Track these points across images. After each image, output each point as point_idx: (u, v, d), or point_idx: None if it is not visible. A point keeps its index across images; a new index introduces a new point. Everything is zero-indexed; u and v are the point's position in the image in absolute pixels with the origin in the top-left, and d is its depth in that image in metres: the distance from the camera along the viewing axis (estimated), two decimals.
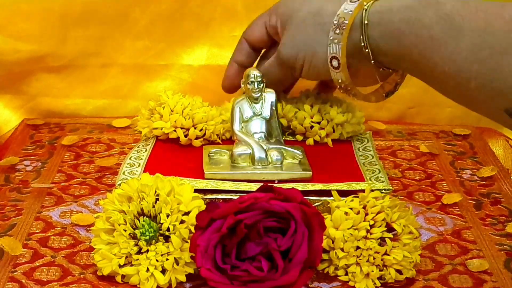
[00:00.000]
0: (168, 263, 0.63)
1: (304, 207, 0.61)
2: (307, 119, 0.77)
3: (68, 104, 0.98)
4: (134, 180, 0.65)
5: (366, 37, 0.65)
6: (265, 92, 0.72)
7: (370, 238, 0.64)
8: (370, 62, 0.67)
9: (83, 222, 0.72)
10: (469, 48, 0.58)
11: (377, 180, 0.70)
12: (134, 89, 0.98)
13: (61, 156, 0.86)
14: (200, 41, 0.97)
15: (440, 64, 0.60)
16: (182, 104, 0.76)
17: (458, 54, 0.59)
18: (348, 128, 0.77)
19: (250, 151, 0.70)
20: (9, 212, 0.74)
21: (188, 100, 0.77)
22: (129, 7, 0.94)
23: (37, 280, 0.64)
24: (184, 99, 0.77)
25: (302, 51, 0.70)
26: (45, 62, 0.95)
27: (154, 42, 0.96)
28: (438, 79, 0.63)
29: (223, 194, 0.68)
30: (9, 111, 0.97)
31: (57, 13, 0.92)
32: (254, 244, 0.61)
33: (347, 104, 0.79)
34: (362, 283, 0.64)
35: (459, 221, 0.75)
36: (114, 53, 0.96)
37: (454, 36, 0.59)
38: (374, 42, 0.65)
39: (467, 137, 0.92)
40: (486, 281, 0.66)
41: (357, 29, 0.66)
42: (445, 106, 0.98)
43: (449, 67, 0.60)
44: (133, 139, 0.89)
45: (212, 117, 0.76)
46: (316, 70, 0.70)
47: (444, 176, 0.83)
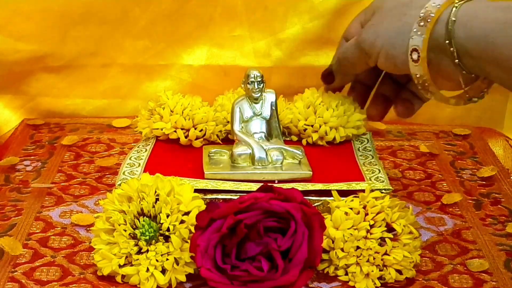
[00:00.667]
0: (168, 263, 0.63)
1: (304, 207, 0.61)
2: (301, 121, 0.77)
3: (68, 104, 0.98)
4: (134, 180, 0.65)
5: (451, 35, 0.63)
6: (265, 92, 0.72)
7: (370, 238, 0.64)
8: (454, 61, 0.63)
9: (83, 222, 0.72)
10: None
11: (377, 180, 0.70)
12: (134, 89, 0.98)
13: (61, 156, 0.86)
14: (200, 41, 0.97)
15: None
16: (182, 104, 0.76)
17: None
18: (342, 132, 0.77)
19: (250, 151, 0.70)
20: (9, 212, 0.74)
21: (188, 100, 0.77)
22: (129, 7, 0.94)
23: (37, 280, 0.64)
24: (184, 100, 0.77)
25: (382, 38, 0.68)
26: (45, 62, 0.95)
27: (154, 42, 0.96)
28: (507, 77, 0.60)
29: (223, 194, 0.68)
30: (9, 111, 0.97)
31: (57, 13, 0.92)
32: (254, 244, 0.61)
33: (345, 107, 0.78)
34: (362, 283, 0.64)
35: (459, 221, 0.75)
36: (114, 53, 0.96)
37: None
38: (460, 41, 0.62)
39: (467, 137, 0.92)
40: (486, 281, 0.66)
41: (443, 25, 0.63)
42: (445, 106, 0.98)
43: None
44: (133, 139, 0.89)
45: (212, 118, 0.76)
46: (392, 61, 0.68)
47: (444, 176, 0.83)
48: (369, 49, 0.69)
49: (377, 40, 0.68)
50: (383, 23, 0.68)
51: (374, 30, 0.69)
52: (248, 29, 0.84)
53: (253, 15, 0.82)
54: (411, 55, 0.65)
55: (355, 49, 0.72)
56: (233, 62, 0.94)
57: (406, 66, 0.66)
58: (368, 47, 0.69)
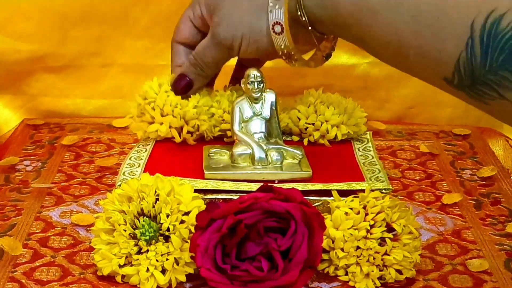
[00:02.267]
0: (168, 263, 0.63)
1: (304, 207, 0.61)
2: (302, 120, 0.77)
3: (68, 104, 0.98)
4: (134, 180, 0.65)
5: (302, 6, 0.66)
6: (265, 92, 0.72)
7: (370, 238, 0.64)
8: (307, 28, 0.68)
9: (83, 222, 0.72)
10: (407, 19, 0.58)
11: (377, 180, 0.70)
12: (134, 89, 0.98)
13: (61, 156, 0.86)
14: None
15: (379, 34, 0.61)
16: (170, 104, 0.75)
17: (396, 24, 0.59)
18: (343, 130, 0.77)
19: (250, 151, 0.70)
20: (9, 212, 0.74)
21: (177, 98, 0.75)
22: (129, 7, 0.94)
23: (37, 280, 0.64)
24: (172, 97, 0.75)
25: (239, 29, 0.71)
26: (45, 62, 0.95)
27: (154, 42, 0.96)
28: (376, 48, 0.63)
29: (223, 194, 0.68)
30: (9, 111, 0.97)
31: (57, 13, 0.92)
32: (254, 244, 0.61)
33: (346, 105, 0.78)
34: (362, 283, 0.64)
35: (459, 221, 0.75)
36: (114, 53, 0.96)
37: (391, 5, 0.59)
38: (310, 11, 0.66)
39: (467, 137, 0.92)
40: (486, 281, 0.66)
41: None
42: (445, 106, 0.98)
43: (388, 37, 0.60)
44: (133, 139, 0.89)
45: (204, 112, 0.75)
46: (255, 45, 0.71)
47: (444, 176, 0.83)
48: (230, 43, 0.71)
49: (236, 31, 0.71)
50: (234, 14, 0.71)
51: (228, 24, 0.71)
52: None
53: None
54: (273, 29, 0.68)
55: (214, 49, 0.73)
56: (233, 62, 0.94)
57: (268, 45, 0.70)
58: (229, 42, 0.71)
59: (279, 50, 0.70)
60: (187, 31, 0.76)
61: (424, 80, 0.62)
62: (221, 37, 0.71)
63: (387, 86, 0.98)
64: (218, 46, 0.72)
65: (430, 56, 0.57)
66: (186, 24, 0.76)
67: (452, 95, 0.59)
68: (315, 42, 0.71)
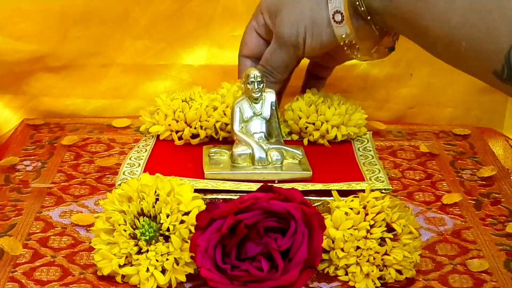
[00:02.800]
0: (168, 263, 0.63)
1: (304, 207, 0.61)
2: (303, 119, 0.77)
3: (68, 104, 0.98)
4: (134, 180, 0.65)
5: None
6: (265, 92, 0.72)
7: (370, 238, 0.64)
8: (367, 20, 0.69)
9: (83, 222, 0.72)
10: (460, 11, 0.59)
11: (377, 180, 0.70)
12: (134, 89, 0.98)
13: (61, 156, 0.86)
14: (200, 41, 0.97)
15: (432, 25, 0.62)
16: (172, 107, 0.77)
17: (450, 16, 0.60)
18: (343, 131, 0.77)
19: (250, 151, 0.70)
20: (9, 212, 0.74)
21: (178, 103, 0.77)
22: (129, 7, 0.94)
23: (37, 280, 0.64)
24: (175, 102, 0.77)
25: (301, 23, 0.71)
26: (45, 62, 0.95)
27: (154, 42, 0.96)
28: (429, 40, 0.64)
29: (223, 194, 0.68)
30: (9, 111, 0.97)
31: (57, 13, 0.92)
32: (254, 244, 0.61)
33: (347, 106, 0.78)
34: (362, 283, 0.64)
35: (459, 221, 0.75)
36: (114, 53, 0.96)
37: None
38: (368, 1, 0.68)
39: (467, 137, 0.92)
40: (486, 281, 0.66)
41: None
42: (445, 106, 0.99)
43: (441, 28, 0.61)
44: (133, 139, 0.89)
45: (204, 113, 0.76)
46: (319, 38, 0.72)
47: (444, 176, 0.83)
48: (295, 40, 0.72)
49: (299, 27, 0.72)
50: (295, 11, 0.72)
51: (290, 22, 0.72)
52: None
53: None
54: (333, 18, 0.70)
55: (281, 51, 0.74)
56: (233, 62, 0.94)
57: (331, 38, 0.71)
58: (294, 39, 0.72)
59: (341, 40, 0.71)
60: (253, 42, 0.77)
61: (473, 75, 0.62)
62: (285, 36, 0.72)
63: (387, 86, 0.98)
64: (284, 47, 0.73)
65: (481, 48, 0.58)
66: (251, 36, 0.77)
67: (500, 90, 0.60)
68: (377, 36, 0.71)
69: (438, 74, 0.96)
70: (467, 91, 0.96)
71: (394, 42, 0.75)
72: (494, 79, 0.58)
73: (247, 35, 0.78)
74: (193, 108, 0.76)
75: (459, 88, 0.97)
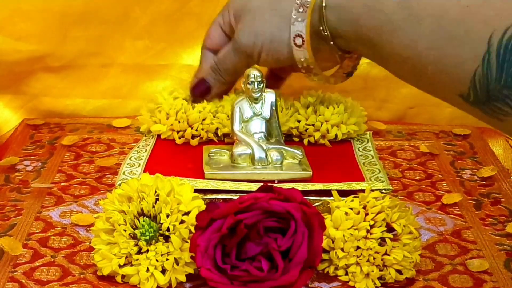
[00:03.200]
0: (168, 263, 0.63)
1: (304, 207, 0.61)
2: (302, 122, 0.77)
3: (68, 104, 0.98)
4: (134, 180, 0.65)
5: (324, 20, 0.66)
6: (265, 92, 0.72)
7: (370, 238, 0.64)
8: (329, 43, 0.68)
9: (83, 222, 0.72)
10: (427, 35, 0.59)
11: (377, 180, 0.70)
12: (134, 89, 0.98)
13: (61, 156, 0.86)
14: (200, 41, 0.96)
15: (398, 49, 0.61)
16: (175, 108, 0.76)
17: (416, 40, 0.60)
18: (343, 129, 0.77)
19: (250, 151, 0.70)
20: (9, 212, 0.74)
21: (180, 102, 0.77)
22: (129, 7, 0.94)
23: (37, 280, 0.64)
24: (177, 101, 0.77)
25: (260, 37, 0.71)
26: (45, 62, 0.95)
27: (154, 42, 0.96)
28: (395, 64, 0.63)
29: (223, 194, 0.68)
30: (9, 111, 0.97)
31: (57, 13, 0.92)
32: (254, 244, 0.61)
33: (346, 104, 0.78)
34: (362, 283, 0.64)
35: (459, 221, 0.75)
36: (114, 53, 0.96)
37: (412, 21, 0.60)
38: (332, 25, 0.67)
39: (467, 137, 0.92)
40: (486, 281, 0.66)
41: (316, 11, 0.67)
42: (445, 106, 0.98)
43: (408, 52, 0.61)
44: (133, 139, 0.89)
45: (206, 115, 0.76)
46: (275, 56, 0.71)
47: (444, 176, 0.83)
48: (250, 50, 0.72)
49: (257, 39, 0.71)
50: (257, 22, 0.71)
51: (250, 31, 0.72)
52: None
53: None
54: (294, 41, 0.69)
55: (234, 55, 0.74)
56: None
57: (288, 57, 0.70)
58: (249, 49, 0.72)
59: (299, 63, 0.70)
60: (217, 37, 0.77)
61: (440, 98, 0.62)
62: (242, 44, 0.72)
63: (387, 86, 0.98)
64: (238, 53, 0.73)
65: (447, 72, 0.58)
66: (216, 31, 0.77)
67: (467, 112, 0.60)
68: (338, 59, 0.71)
69: None
70: None
71: (354, 68, 0.74)
72: (462, 102, 0.58)
73: (212, 29, 0.78)
74: (196, 110, 0.76)
75: None
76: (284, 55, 0.70)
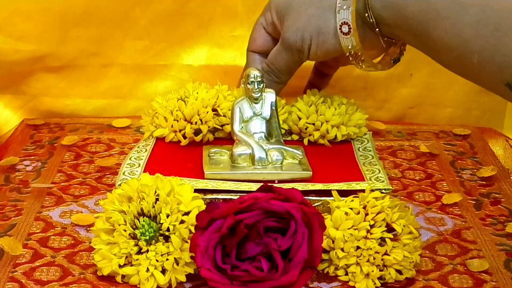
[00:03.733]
0: (168, 263, 0.63)
1: (304, 207, 0.61)
2: (303, 119, 0.77)
3: (68, 104, 0.98)
4: (134, 180, 0.65)
5: (369, 6, 0.67)
6: (265, 92, 0.72)
7: (370, 238, 0.64)
8: (375, 31, 0.69)
9: (83, 222, 0.72)
10: (472, 24, 0.59)
11: (377, 180, 0.70)
12: (134, 89, 0.98)
13: (61, 156, 0.86)
14: (200, 41, 0.97)
15: (443, 37, 0.62)
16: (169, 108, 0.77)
17: (461, 28, 0.60)
18: (343, 131, 0.77)
19: (250, 151, 0.70)
20: (9, 212, 0.74)
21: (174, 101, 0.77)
22: (129, 7, 0.94)
23: (37, 280, 0.64)
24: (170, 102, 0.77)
25: (307, 31, 0.71)
26: (45, 62, 0.95)
27: (154, 42, 0.96)
28: (440, 52, 0.64)
29: (223, 194, 0.68)
30: (9, 111, 0.96)
31: (57, 13, 0.92)
32: (254, 244, 0.61)
33: (347, 106, 0.79)
34: (362, 283, 0.64)
35: (459, 221, 0.75)
36: (114, 53, 0.96)
37: (457, 10, 0.60)
38: (377, 11, 0.67)
39: (467, 137, 0.92)
40: (486, 281, 0.66)
41: None
42: (445, 106, 0.98)
43: (453, 41, 0.61)
44: (133, 139, 0.89)
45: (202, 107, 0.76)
46: (324, 47, 0.72)
47: (444, 176, 0.83)
48: (300, 45, 0.72)
49: (305, 34, 0.72)
50: (302, 17, 0.72)
51: (296, 28, 0.72)
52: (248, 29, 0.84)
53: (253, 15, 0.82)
54: (340, 29, 0.69)
55: (286, 53, 0.74)
56: (233, 62, 0.94)
57: (336, 47, 0.71)
58: (299, 45, 0.72)
59: (347, 50, 0.71)
60: (261, 39, 0.78)
61: (485, 87, 0.63)
62: (290, 41, 0.73)
63: (387, 86, 0.98)
64: (289, 51, 0.74)
65: (493, 61, 0.58)
66: (259, 32, 0.78)
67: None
68: (383, 46, 0.71)
69: (438, 74, 0.96)
70: (467, 91, 0.96)
71: (401, 53, 0.75)
72: (507, 91, 0.58)
73: (255, 31, 0.78)
74: (189, 103, 0.76)
75: (459, 88, 0.97)
76: (332, 45, 0.71)
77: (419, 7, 0.63)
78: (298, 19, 0.72)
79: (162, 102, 0.78)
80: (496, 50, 0.58)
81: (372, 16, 0.68)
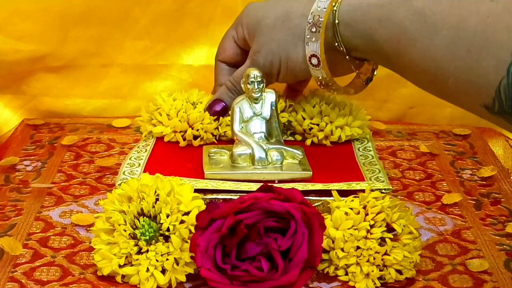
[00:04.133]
0: (168, 263, 0.63)
1: (304, 207, 0.61)
2: (307, 120, 0.77)
3: (68, 104, 0.98)
4: (134, 180, 0.65)
5: (339, 36, 0.67)
6: (265, 92, 0.72)
7: (370, 238, 0.64)
8: (345, 57, 0.68)
9: (83, 222, 0.72)
10: (445, 45, 0.58)
11: (377, 180, 0.70)
12: (134, 89, 0.98)
13: (61, 156, 0.86)
14: (200, 41, 0.97)
15: (416, 60, 0.61)
16: (175, 108, 0.76)
17: (434, 50, 0.59)
18: (347, 132, 0.77)
19: (250, 151, 0.70)
20: (9, 212, 0.74)
21: (181, 103, 0.77)
22: (129, 7, 0.94)
23: (37, 280, 0.64)
24: (177, 102, 0.77)
25: (276, 56, 0.71)
26: (45, 62, 0.95)
27: (154, 42, 0.96)
28: (415, 74, 0.63)
29: (223, 194, 0.68)
30: (9, 111, 0.97)
31: (57, 13, 0.92)
32: (254, 244, 0.61)
33: (350, 106, 0.79)
34: (362, 283, 0.64)
35: (459, 221, 0.75)
36: (114, 53, 0.96)
37: (429, 32, 0.59)
38: (347, 39, 0.67)
39: (467, 137, 0.92)
40: (486, 281, 0.66)
41: (330, 28, 0.67)
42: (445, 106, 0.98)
43: (426, 64, 0.60)
44: (133, 139, 0.89)
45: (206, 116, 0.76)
46: (293, 73, 0.72)
47: (444, 176, 0.83)
48: (269, 70, 0.72)
49: (274, 59, 0.72)
50: (272, 42, 0.71)
51: (266, 52, 0.72)
52: None
53: None
54: (310, 61, 0.69)
55: None
56: None
57: (306, 73, 0.70)
58: (267, 69, 0.72)
59: (317, 80, 0.70)
60: (231, 51, 0.78)
61: (463, 108, 0.61)
62: (260, 65, 0.72)
63: (387, 86, 0.98)
64: None
65: (469, 82, 0.57)
66: (229, 44, 0.77)
67: (491, 122, 0.59)
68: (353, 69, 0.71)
69: None
70: None
71: (373, 72, 0.74)
72: (485, 112, 0.57)
73: (225, 42, 0.78)
74: (197, 109, 0.76)
75: None
76: (302, 72, 0.71)
77: (390, 33, 0.62)
78: (267, 43, 0.72)
79: (167, 100, 0.78)
80: (471, 71, 0.56)
81: (342, 45, 0.67)
